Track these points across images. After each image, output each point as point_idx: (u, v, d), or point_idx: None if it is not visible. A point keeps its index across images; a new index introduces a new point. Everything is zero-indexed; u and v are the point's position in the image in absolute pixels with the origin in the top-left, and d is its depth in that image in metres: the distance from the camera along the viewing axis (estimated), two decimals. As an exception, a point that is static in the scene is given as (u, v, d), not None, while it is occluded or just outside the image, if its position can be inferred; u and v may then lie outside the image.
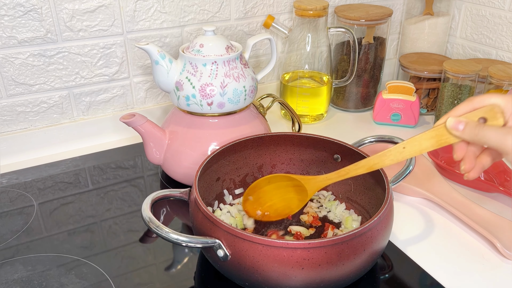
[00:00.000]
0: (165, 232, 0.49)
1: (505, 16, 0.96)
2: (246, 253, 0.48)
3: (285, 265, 0.47)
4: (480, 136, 0.44)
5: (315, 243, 0.46)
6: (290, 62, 0.94)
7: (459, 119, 0.45)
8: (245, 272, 0.49)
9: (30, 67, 0.78)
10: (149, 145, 0.72)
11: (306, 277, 0.47)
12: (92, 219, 0.68)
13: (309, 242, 0.46)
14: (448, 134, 0.46)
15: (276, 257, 0.47)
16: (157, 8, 0.84)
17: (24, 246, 0.62)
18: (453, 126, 0.45)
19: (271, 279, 0.48)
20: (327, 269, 0.47)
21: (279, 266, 0.47)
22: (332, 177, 0.57)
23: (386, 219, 0.52)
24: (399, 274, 0.58)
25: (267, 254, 0.47)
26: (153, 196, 0.56)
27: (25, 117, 0.82)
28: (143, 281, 0.56)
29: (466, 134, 0.45)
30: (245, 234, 0.48)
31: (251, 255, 0.47)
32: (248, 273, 0.49)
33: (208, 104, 0.69)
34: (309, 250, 0.46)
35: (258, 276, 0.48)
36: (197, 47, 0.70)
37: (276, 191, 0.62)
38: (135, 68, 0.87)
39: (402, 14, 1.11)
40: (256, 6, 0.93)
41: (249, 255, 0.48)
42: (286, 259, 0.47)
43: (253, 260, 0.48)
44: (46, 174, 0.78)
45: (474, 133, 0.44)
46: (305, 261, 0.46)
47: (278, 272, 0.47)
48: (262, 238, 0.47)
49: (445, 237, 0.64)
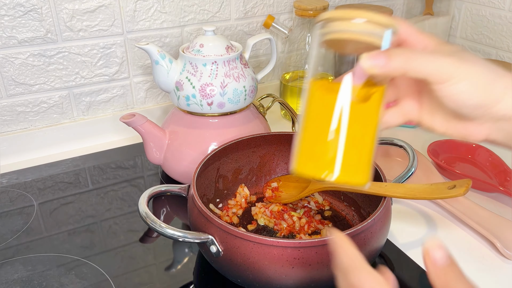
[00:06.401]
0: (160, 227, 0.50)
1: (505, 16, 0.96)
2: (238, 250, 0.48)
3: (275, 263, 0.47)
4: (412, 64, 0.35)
5: (305, 242, 0.46)
6: (290, 62, 0.94)
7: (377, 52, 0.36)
8: (236, 268, 0.49)
9: (30, 67, 0.78)
10: (149, 144, 0.72)
11: (296, 276, 0.47)
12: (92, 219, 0.67)
13: (299, 242, 0.46)
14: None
15: (267, 255, 0.47)
16: (157, 8, 0.84)
17: (24, 246, 0.62)
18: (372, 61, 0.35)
19: (262, 277, 0.48)
20: (317, 269, 0.47)
21: (270, 264, 0.47)
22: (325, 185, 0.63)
23: (382, 220, 0.52)
24: (399, 275, 0.58)
25: (258, 252, 0.47)
26: (150, 191, 0.56)
27: (25, 117, 0.82)
28: (143, 281, 0.56)
29: (393, 65, 0.35)
30: (237, 231, 0.48)
31: (243, 252, 0.48)
32: (240, 270, 0.49)
33: (208, 104, 0.69)
34: (300, 250, 0.46)
35: (249, 273, 0.48)
36: (197, 47, 0.70)
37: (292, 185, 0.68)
38: (135, 68, 0.87)
39: (402, 14, 1.10)
40: (256, 6, 0.93)
41: (241, 252, 0.48)
42: (276, 257, 0.47)
43: (244, 257, 0.48)
44: (46, 174, 0.78)
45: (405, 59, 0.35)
46: (295, 260, 0.46)
47: (268, 270, 0.47)
48: (253, 236, 0.47)
49: (445, 237, 0.64)
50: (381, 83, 0.39)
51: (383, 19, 0.36)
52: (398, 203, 0.70)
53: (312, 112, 0.39)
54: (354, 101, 0.37)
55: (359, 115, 0.37)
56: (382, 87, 0.39)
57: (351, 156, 0.37)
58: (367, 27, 0.36)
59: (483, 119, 0.38)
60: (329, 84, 0.40)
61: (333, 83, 0.40)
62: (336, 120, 0.37)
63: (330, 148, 0.37)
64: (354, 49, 0.39)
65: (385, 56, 0.35)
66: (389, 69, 0.35)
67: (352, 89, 0.37)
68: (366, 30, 0.36)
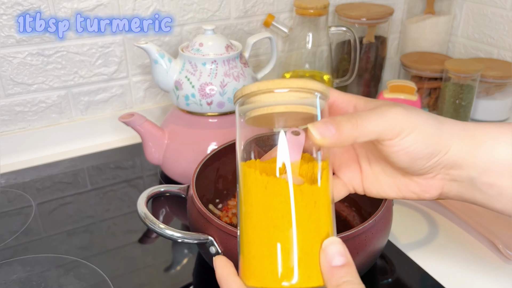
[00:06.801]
0: (159, 227, 0.49)
1: (506, 15, 0.96)
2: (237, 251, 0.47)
3: None
4: (362, 127, 0.32)
5: None
6: (291, 62, 0.93)
7: (324, 121, 0.32)
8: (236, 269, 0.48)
9: (29, 66, 0.78)
10: (148, 144, 0.71)
11: None
12: (91, 220, 0.67)
13: None
14: None
15: None
16: (156, 7, 0.83)
17: (22, 247, 0.62)
18: (322, 133, 0.31)
19: None
20: None
21: None
22: None
23: (383, 221, 0.51)
24: (401, 276, 0.57)
25: None
26: (149, 191, 0.55)
27: (24, 117, 0.81)
28: (142, 282, 0.56)
29: (344, 134, 0.32)
30: (237, 232, 0.47)
31: None
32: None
33: (208, 104, 0.69)
34: None
35: None
36: (197, 46, 0.69)
37: None
38: (134, 67, 0.86)
39: (403, 13, 1.10)
40: (256, 5, 0.92)
41: None
42: None
43: None
44: (45, 174, 0.78)
45: (354, 124, 0.32)
46: None
47: None
48: None
49: (446, 238, 0.63)
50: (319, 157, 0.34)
51: (309, 84, 0.31)
52: (399, 204, 0.70)
53: (251, 204, 0.32)
54: (299, 185, 0.32)
55: (309, 200, 0.32)
56: (326, 162, 0.34)
57: (307, 253, 0.31)
58: (295, 97, 0.31)
59: (436, 171, 0.36)
60: (263, 165, 0.34)
61: (267, 162, 0.34)
62: (282, 213, 0.31)
63: (283, 249, 0.31)
64: (284, 122, 0.34)
65: (333, 125, 0.32)
66: (341, 139, 0.32)
67: (292, 169, 0.32)
68: (294, 101, 0.31)
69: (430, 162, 0.35)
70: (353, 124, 0.32)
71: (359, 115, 0.33)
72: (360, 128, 0.32)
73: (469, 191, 0.37)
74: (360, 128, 0.32)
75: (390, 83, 0.91)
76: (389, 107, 0.34)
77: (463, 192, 0.37)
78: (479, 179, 0.36)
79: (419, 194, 0.38)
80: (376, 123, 0.33)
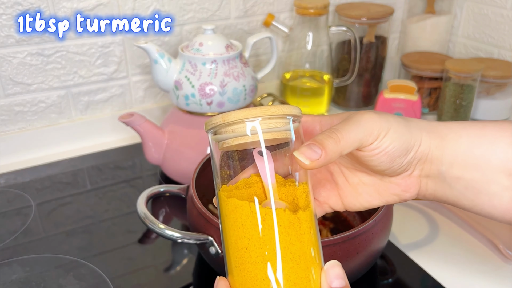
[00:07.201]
0: (159, 227, 0.49)
1: (507, 15, 0.95)
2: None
3: None
4: (344, 139, 0.33)
5: None
6: (291, 61, 0.93)
7: (307, 145, 0.32)
8: None
9: (28, 66, 0.78)
10: (148, 144, 0.71)
11: None
12: (90, 220, 0.67)
13: None
14: None
15: None
16: (156, 7, 0.83)
17: (22, 247, 0.61)
18: (310, 157, 0.32)
19: None
20: None
21: None
22: None
23: (383, 221, 0.51)
24: (401, 276, 0.57)
25: None
26: (148, 191, 0.55)
27: (23, 117, 0.81)
28: (141, 282, 0.56)
29: (330, 150, 0.32)
30: None
31: None
32: None
33: (208, 104, 0.69)
34: None
35: None
36: (197, 46, 0.69)
37: None
38: (134, 67, 0.86)
39: (404, 13, 1.10)
40: (256, 5, 0.92)
41: None
42: None
43: None
44: (44, 174, 0.78)
45: (335, 139, 0.33)
46: None
47: None
48: None
49: (447, 238, 0.63)
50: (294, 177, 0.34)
51: (279, 109, 0.31)
52: (399, 204, 0.69)
53: (235, 234, 0.32)
54: (282, 209, 0.31)
55: (295, 227, 0.31)
56: (304, 183, 0.34)
57: (297, 281, 0.31)
58: (268, 124, 0.31)
59: (412, 166, 0.37)
60: (241, 192, 0.34)
61: (244, 190, 0.34)
62: (269, 242, 0.31)
63: (273, 278, 0.31)
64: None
65: (317, 146, 0.32)
66: (328, 157, 0.32)
67: (273, 194, 0.32)
68: (268, 128, 0.31)
69: (407, 158, 0.37)
70: (335, 139, 0.33)
71: (337, 129, 0.34)
72: (343, 141, 0.33)
73: (441, 188, 0.38)
74: (342, 141, 0.33)
75: (391, 83, 0.91)
76: (361, 115, 0.35)
77: (436, 190, 0.38)
78: (447, 172, 0.37)
79: (400, 195, 0.39)
80: (356, 132, 0.34)
